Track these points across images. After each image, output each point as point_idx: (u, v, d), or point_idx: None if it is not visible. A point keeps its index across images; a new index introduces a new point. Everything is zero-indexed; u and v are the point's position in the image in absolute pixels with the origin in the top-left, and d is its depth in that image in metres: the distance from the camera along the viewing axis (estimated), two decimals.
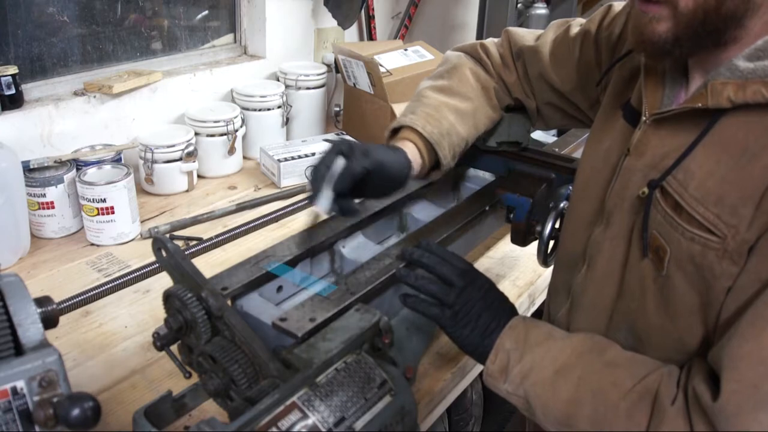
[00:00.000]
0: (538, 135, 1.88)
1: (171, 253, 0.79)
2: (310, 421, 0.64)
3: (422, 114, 1.01)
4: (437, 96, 1.05)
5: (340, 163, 0.85)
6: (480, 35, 2.35)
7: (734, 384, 0.60)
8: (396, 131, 1.03)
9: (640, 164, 0.74)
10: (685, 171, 0.68)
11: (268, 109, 1.74)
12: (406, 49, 1.88)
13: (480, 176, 1.27)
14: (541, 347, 0.75)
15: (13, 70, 1.35)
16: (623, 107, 0.81)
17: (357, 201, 0.91)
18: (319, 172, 0.85)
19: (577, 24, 1.02)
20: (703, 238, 0.66)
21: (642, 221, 0.72)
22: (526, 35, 1.09)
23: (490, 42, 1.14)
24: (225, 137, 1.61)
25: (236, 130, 1.62)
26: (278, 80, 1.87)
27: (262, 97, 1.72)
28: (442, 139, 0.99)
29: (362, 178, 0.86)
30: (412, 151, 0.98)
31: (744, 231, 0.63)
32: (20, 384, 0.54)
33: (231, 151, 1.63)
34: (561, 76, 1.02)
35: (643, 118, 0.75)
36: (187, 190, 1.55)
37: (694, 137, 0.68)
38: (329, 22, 2.04)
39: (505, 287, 1.22)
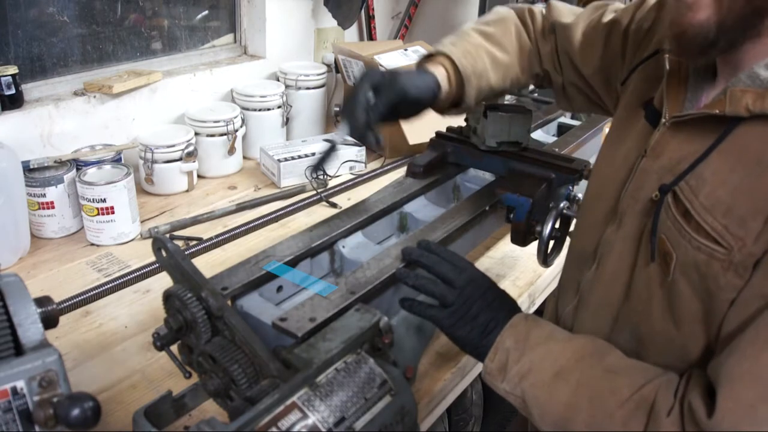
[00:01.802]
0: (538, 135, 1.88)
1: (171, 253, 0.78)
2: (310, 421, 0.64)
3: (461, 48, 1.03)
4: (479, 38, 1.07)
5: (370, 96, 0.93)
6: None
7: (730, 402, 0.59)
8: (430, 57, 1.06)
9: (655, 166, 0.74)
10: (698, 177, 0.67)
11: (268, 109, 1.74)
12: (406, 49, 1.88)
13: (480, 176, 1.27)
14: (541, 348, 0.75)
15: (13, 70, 1.35)
16: (645, 107, 0.81)
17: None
18: (357, 105, 0.91)
19: (612, 10, 1.01)
20: (710, 248, 0.65)
21: (652, 225, 0.72)
22: (564, 11, 1.10)
23: (538, 10, 1.15)
24: (225, 137, 1.61)
25: (236, 130, 1.62)
26: (278, 80, 1.87)
27: (262, 97, 1.72)
28: (473, 77, 1.02)
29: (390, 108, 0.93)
30: (442, 76, 1.01)
31: (751, 244, 0.62)
32: (20, 384, 0.54)
33: (231, 151, 1.63)
34: (585, 58, 1.02)
35: (663, 120, 0.74)
36: (187, 190, 1.55)
37: (710, 144, 0.67)
38: (329, 22, 2.04)
39: (505, 287, 1.21)
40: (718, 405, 0.60)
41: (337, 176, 1.63)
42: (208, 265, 1.21)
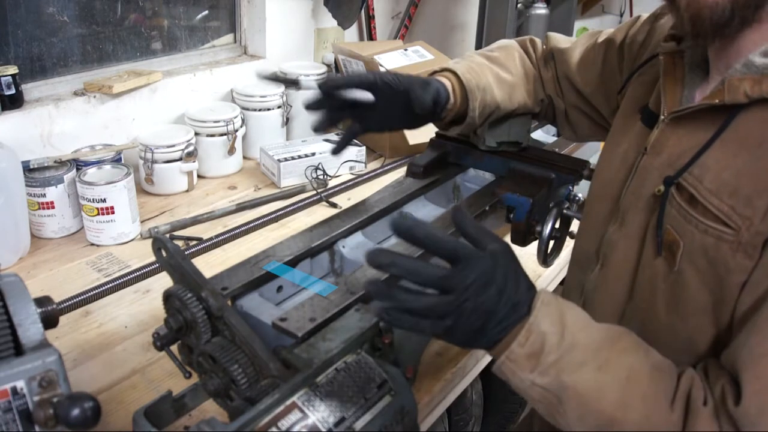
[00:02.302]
0: (538, 135, 1.88)
1: (171, 253, 0.79)
2: (310, 421, 0.64)
3: (465, 65, 1.07)
4: (482, 59, 1.11)
5: (366, 96, 0.95)
6: (480, 35, 2.35)
7: (757, 384, 0.58)
8: (434, 74, 1.08)
9: (656, 163, 0.75)
10: (701, 166, 0.69)
11: (268, 109, 1.74)
12: (406, 49, 1.88)
13: (480, 176, 1.27)
14: (582, 335, 0.64)
15: (13, 70, 1.34)
16: (641, 111, 0.82)
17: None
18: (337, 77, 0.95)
19: (606, 33, 1.05)
20: (717, 230, 0.66)
21: (657, 219, 0.72)
22: (561, 40, 1.15)
23: (539, 40, 1.19)
24: (225, 137, 1.61)
25: (236, 130, 1.62)
26: None
27: (262, 97, 1.72)
28: (476, 90, 1.04)
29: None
30: (448, 86, 1.03)
31: (758, 223, 0.63)
32: (20, 384, 0.54)
33: (231, 151, 1.63)
34: (584, 78, 1.06)
35: (662, 117, 0.76)
36: (187, 190, 1.55)
37: (712, 134, 0.68)
38: (329, 22, 2.04)
39: None
40: (744, 388, 0.59)
41: (337, 176, 1.63)
42: (208, 265, 1.21)
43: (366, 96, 0.94)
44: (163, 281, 1.08)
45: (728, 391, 0.60)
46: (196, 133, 1.57)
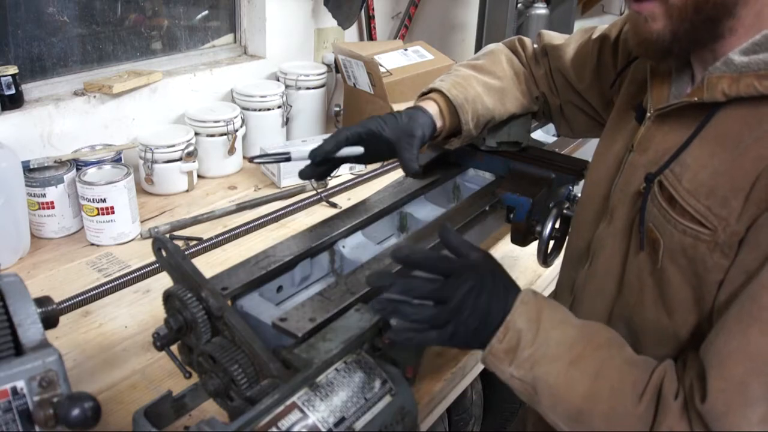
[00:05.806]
0: (538, 135, 1.88)
1: (171, 253, 0.78)
2: (310, 421, 0.64)
3: (450, 81, 1.07)
4: (468, 70, 1.11)
5: (356, 150, 0.96)
6: (480, 35, 2.35)
7: (722, 382, 0.60)
8: (422, 96, 1.09)
9: (643, 160, 0.76)
10: (681, 164, 0.70)
11: (268, 109, 1.74)
12: (406, 49, 1.88)
13: (480, 176, 1.27)
14: (555, 332, 0.69)
15: (13, 70, 1.35)
16: (636, 109, 0.83)
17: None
18: (331, 139, 0.96)
19: (601, 29, 1.05)
20: (695, 231, 0.67)
21: (639, 215, 0.73)
22: (555, 36, 1.14)
23: (528, 39, 1.19)
24: (225, 137, 1.61)
25: (236, 130, 1.62)
26: (278, 80, 1.86)
27: (262, 97, 1.72)
28: (465, 104, 1.04)
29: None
30: (434, 110, 1.03)
31: (734, 223, 0.64)
32: (20, 384, 0.54)
33: (231, 151, 1.63)
34: (579, 74, 1.06)
35: (648, 115, 0.77)
36: (187, 190, 1.55)
37: (692, 131, 0.69)
38: (329, 22, 2.04)
39: None
40: (709, 386, 0.60)
41: (337, 176, 1.63)
42: (208, 265, 1.21)
43: (355, 151, 0.96)
44: (163, 281, 1.08)
45: (696, 386, 0.62)
46: (196, 133, 1.57)
